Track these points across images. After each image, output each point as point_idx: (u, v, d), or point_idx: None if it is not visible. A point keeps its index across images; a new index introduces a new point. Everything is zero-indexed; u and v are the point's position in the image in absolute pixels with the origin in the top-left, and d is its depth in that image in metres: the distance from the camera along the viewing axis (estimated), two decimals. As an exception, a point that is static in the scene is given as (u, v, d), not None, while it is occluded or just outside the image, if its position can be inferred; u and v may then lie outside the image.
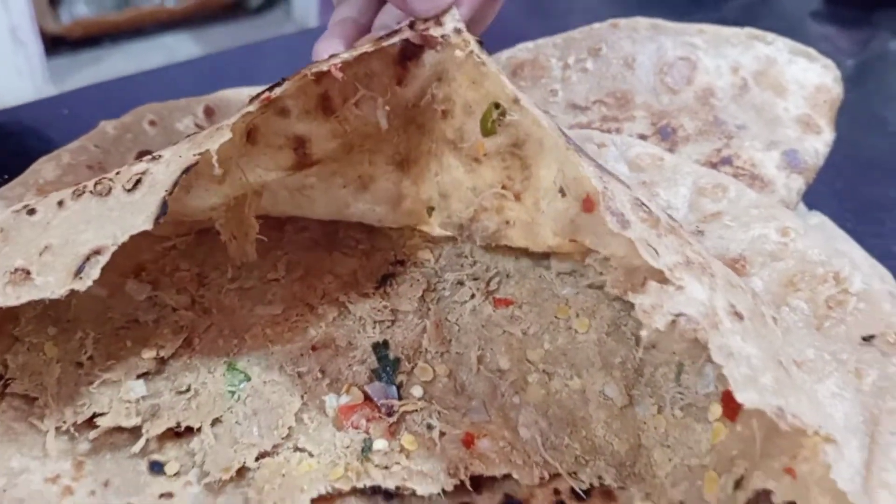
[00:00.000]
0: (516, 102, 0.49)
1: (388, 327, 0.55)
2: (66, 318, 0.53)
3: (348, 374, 0.52)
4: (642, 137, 0.70)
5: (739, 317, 0.41)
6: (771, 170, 0.67)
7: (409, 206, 0.58)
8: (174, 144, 0.50)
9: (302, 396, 0.51)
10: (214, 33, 2.46)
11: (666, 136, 0.70)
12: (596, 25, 0.78)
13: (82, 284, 0.43)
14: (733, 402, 0.43)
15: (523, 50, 0.79)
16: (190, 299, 0.56)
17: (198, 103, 0.71)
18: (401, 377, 0.52)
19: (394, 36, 0.48)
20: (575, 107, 0.74)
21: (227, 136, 0.45)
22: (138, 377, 0.51)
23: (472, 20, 0.52)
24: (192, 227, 0.59)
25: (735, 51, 0.73)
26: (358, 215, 0.58)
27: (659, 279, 0.40)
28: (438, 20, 0.48)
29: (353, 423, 0.49)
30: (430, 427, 0.49)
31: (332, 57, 0.48)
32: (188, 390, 0.51)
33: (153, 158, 0.47)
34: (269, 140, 0.51)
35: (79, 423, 0.48)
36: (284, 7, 2.56)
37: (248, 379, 0.51)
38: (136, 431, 0.49)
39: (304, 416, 0.50)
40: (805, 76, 0.72)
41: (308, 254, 0.60)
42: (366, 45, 0.48)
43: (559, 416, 0.51)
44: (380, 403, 0.50)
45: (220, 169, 0.46)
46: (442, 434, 0.49)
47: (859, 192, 0.82)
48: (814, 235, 0.55)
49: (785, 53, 0.73)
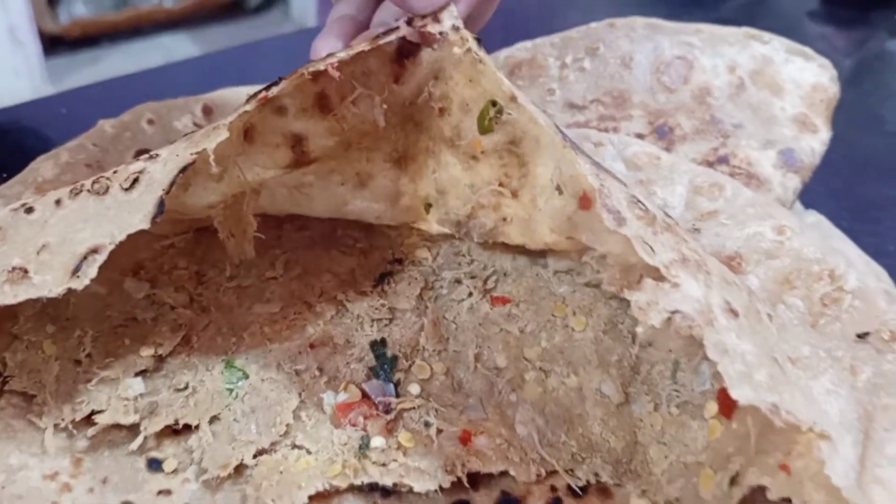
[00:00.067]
0: (513, 100, 0.49)
1: (386, 325, 0.55)
2: (65, 317, 0.53)
3: (346, 371, 0.52)
4: (639, 136, 0.70)
5: (735, 314, 0.41)
6: (767, 169, 0.67)
7: (407, 202, 0.58)
8: (172, 143, 0.50)
9: (300, 394, 0.51)
10: (213, 33, 2.46)
11: (663, 135, 0.70)
12: (593, 25, 0.78)
13: (80, 283, 0.43)
14: (729, 400, 0.43)
15: (521, 49, 0.79)
16: (188, 297, 0.56)
17: (196, 102, 0.71)
18: (398, 375, 0.52)
19: (390, 34, 0.48)
20: (572, 106, 0.74)
21: (224, 135, 0.46)
22: (136, 375, 0.51)
23: (469, 17, 0.52)
24: (190, 226, 0.59)
25: (732, 50, 0.74)
26: (356, 213, 0.58)
27: (655, 276, 0.40)
28: (436, 17, 0.48)
29: (350, 420, 0.49)
30: (427, 424, 0.49)
31: (330, 56, 0.48)
32: (186, 388, 0.51)
33: (151, 157, 0.47)
34: (266, 138, 0.51)
35: (77, 420, 0.48)
36: (283, 7, 2.56)
37: (246, 377, 0.51)
38: (135, 429, 0.49)
39: (302, 414, 0.50)
40: (801, 75, 0.72)
41: (306, 252, 0.60)
42: (363, 44, 0.48)
43: (556, 413, 0.51)
44: (377, 401, 0.50)
45: (217, 167, 0.47)
46: (439, 431, 0.49)
47: (856, 191, 0.83)
48: (809, 234, 0.55)
49: (781, 53, 0.73)
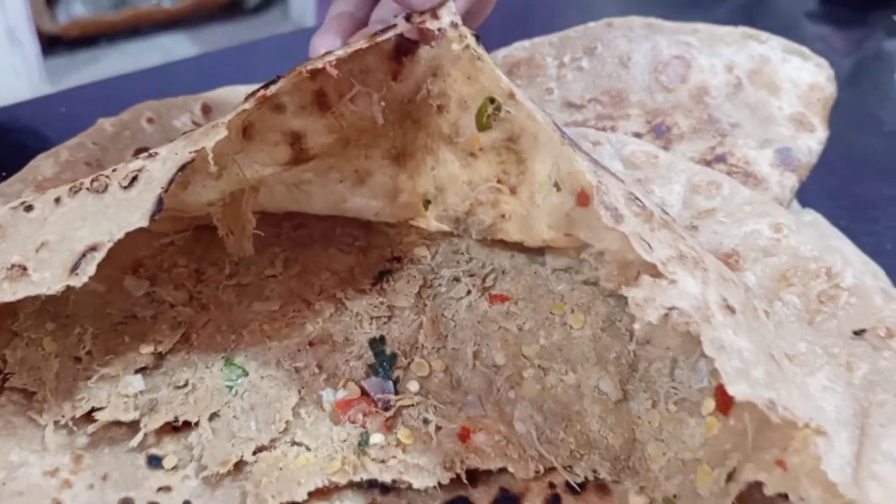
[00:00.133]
0: (511, 97, 0.49)
1: (385, 323, 0.55)
2: (65, 314, 0.53)
3: (345, 369, 0.52)
4: (637, 135, 0.70)
5: (731, 310, 0.41)
6: (765, 167, 0.67)
7: (405, 199, 0.58)
8: (171, 142, 0.50)
9: (299, 391, 0.51)
10: (211, 33, 2.45)
11: (660, 134, 0.70)
12: (591, 24, 0.79)
13: (78, 281, 0.43)
14: (726, 397, 0.43)
15: (519, 48, 0.79)
16: (187, 295, 0.56)
17: (195, 101, 0.71)
18: (397, 372, 0.53)
19: (388, 31, 0.48)
20: (570, 105, 0.74)
21: (222, 133, 0.46)
22: (136, 372, 0.51)
23: (468, 13, 0.52)
24: (189, 224, 0.59)
25: (729, 49, 0.74)
26: (355, 210, 0.58)
27: (652, 273, 0.41)
28: (435, 13, 0.48)
29: (349, 417, 0.50)
30: (426, 421, 0.50)
31: (327, 54, 0.48)
32: (186, 385, 0.51)
33: (150, 156, 0.47)
34: (265, 136, 0.51)
35: (77, 417, 0.49)
36: (281, 7, 2.55)
37: (245, 374, 0.52)
38: (135, 426, 0.49)
39: (302, 411, 0.50)
40: (799, 75, 0.72)
41: (305, 250, 0.60)
42: (360, 42, 0.48)
43: (554, 410, 0.51)
44: (376, 398, 0.51)
45: (216, 166, 0.47)
46: (438, 428, 0.49)
47: (854, 190, 0.83)
48: (806, 232, 0.55)
49: (779, 52, 0.73)
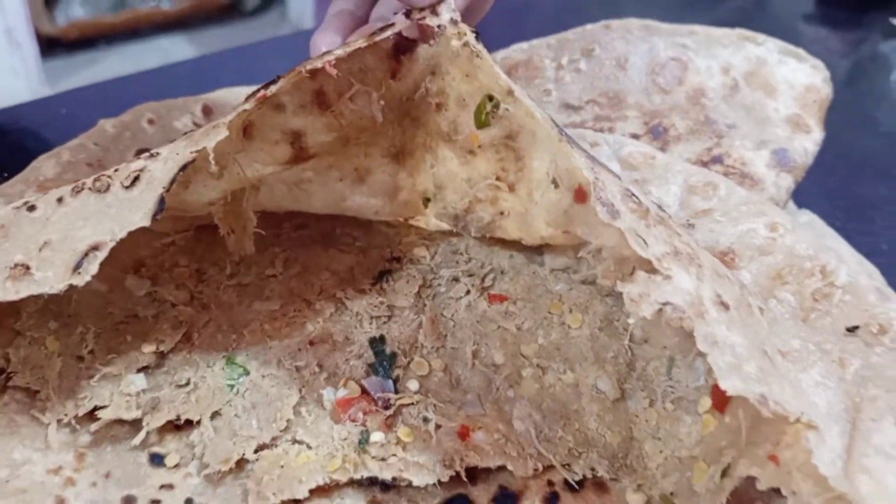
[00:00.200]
0: (510, 94, 0.50)
1: (385, 323, 0.56)
2: (67, 313, 0.53)
3: (345, 368, 0.53)
4: (634, 137, 0.71)
5: (725, 306, 0.42)
6: (761, 168, 0.68)
7: (405, 197, 0.58)
8: (171, 142, 0.50)
9: (300, 390, 0.51)
10: (210, 35, 2.45)
11: (658, 135, 0.71)
12: (589, 26, 0.79)
13: (80, 280, 0.44)
14: (723, 395, 0.44)
15: (517, 51, 0.80)
16: (189, 295, 0.56)
17: (196, 102, 0.71)
18: (397, 371, 0.53)
19: (387, 30, 0.49)
20: (568, 106, 0.75)
21: (223, 133, 0.46)
22: (138, 371, 0.51)
23: (468, 10, 0.52)
24: (191, 224, 0.59)
25: (726, 51, 0.74)
26: (355, 208, 0.58)
27: (647, 269, 0.41)
28: (434, 10, 0.48)
29: (350, 416, 0.50)
30: (426, 420, 0.50)
31: (327, 53, 0.48)
32: (188, 384, 0.51)
33: (151, 156, 0.48)
34: (265, 135, 0.52)
35: (80, 415, 0.49)
36: (280, 9, 2.56)
37: (246, 373, 0.52)
38: (137, 424, 0.49)
39: (302, 410, 0.50)
40: (795, 76, 0.73)
41: (305, 251, 0.60)
42: (359, 41, 0.48)
43: (553, 409, 0.51)
44: (376, 397, 0.51)
45: (217, 165, 0.47)
46: (438, 427, 0.50)
47: (850, 191, 0.83)
48: (802, 231, 0.56)
49: (775, 54, 0.74)
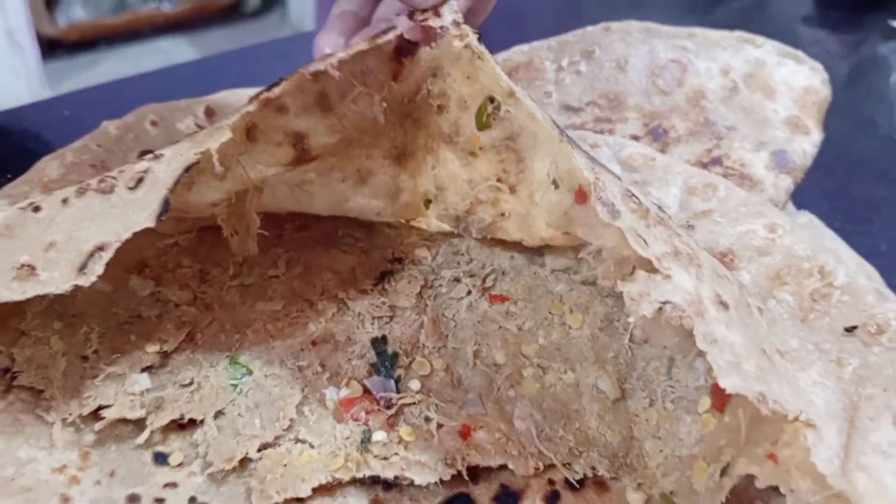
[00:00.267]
0: (511, 96, 0.50)
1: (387, 323, 0.56)
2: (72, 313, 0.54)
3: (348, 368, 0.53)
4: (634, 138, 0.71)
5: (725, 306, 0.42)
6: (760, 170, 0.68)
7: (406, 198, 0.59)
8: (175, 143, 0.51)
9: (302, 389, 0.52)
10: (210, 37, 2.46)
11: (657, 136, 0.71)
12: (589, 29, 0.79)
13: (86, 280, 0.44)
14: (722, 394, 0.44)
15: (518, 52, 0.80)
16: (192, 295, 0.57)
17: (198, 104, 0.72)
18: (399, 371, 0.53)
19: (388, 32, 0.49)
20: (569, 108, 0.75)
21: (227, 135, 0.46)
22: (142, 370, 0.52)
23: (470, 11, 0.52)
24: (194, 225, 0.60)
25: (725, 54, 0.75)
26: (357, 210, 0.59)
27: (647, 268, 0.41)
28: (437, 11, 0.49)
29: (352, 415, 0.50)
30: (427, 419, 0.50)
31: (329, 55, 0.49)
32: (191, 384, 0.51)
33: (155, 157, 0.48)
34: (268, 137, 0.52)
35: (84, 414, 0.49)
36: (280, 11, 2.56)
37: (249, 373, 0.52)
38: (141, 423, 0.49)
39: (305, 409, 0.51)
40: (794, 78, 0.73)
41: (307, 251, 0.61)
42: (362, 43, 0.49)
43: (553, 408, 0.52)
44: (378, 396, 0.51)
45: (220, 166, 0.47)
46: (439, 426, 0.50)
47: (849, 192, 0.83)
48: (800, 232, 0.56)
49: (774, 56, 0.74)
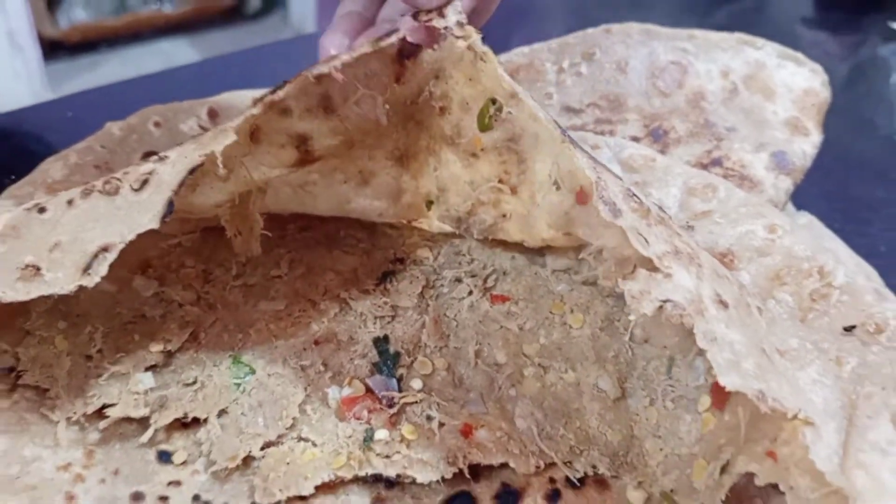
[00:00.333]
0: (513, 97, 0.50)
1: (389, 323, 0.56)
2: (76, 313, 0.54)
3: (350, 367, 0.53)
4: (635, 139, 0.71)
5: (724, 305, 0.42)
6: (760, 171, 0.68)
7: (408, 199, 0.59)
8: (179, 145, 0.51)
9: (305, 388, 0.52)
10: (211, 39, 2.46)
11: (658, 137, 0.72)
12: (590, 30, 0.80)
13: (90, 281, 0.44)
14: (722, 393, 0.44)
15: (519, 54, 0.80)
16: (195, 295, 0.57)
17: (201, 105, 0.72)
18: (401, 370, 0.54)
19: (392, 35, 0.49)
20: (569, 109, 0.75)
21: (231, 138, 0.47)
22: (146, 370, 0.52)
23: (474, 11, 0.53)
24: (197, 225, 0.60)
25: (725, 55, 0.75)
26: (359, 210, 0.59)
27: (648, 267, 0.42)
28: (441, 12, 0.49)
29: (355, 413, 0.51)
30: (429, 418, 0.51)
31: (333, 58, 0.49)
32: (195, 383, 0.52)
33: (160, 159, 0.48)
34: (272, 139, 0.52)
35: (89, 413, 0.49)
36: (281, 12, 2.57)
37: (252, 372, 0.53)
38: (145, 422, 0.50)
39: (308, 408, 0.51)
40: (793, 80, 0.73)
41: (310, 252, 0.61)
42: (365, 46, 0.49)
43: (554, 407, 0.52)
44: (381, 395, 0.52)
45: (224, 169, 0.48)
46: (441, 424, 0.50)
47: (848, 193, 0.84)
48: (800, 232, 0.56)
49: (774, 58, 0.74)
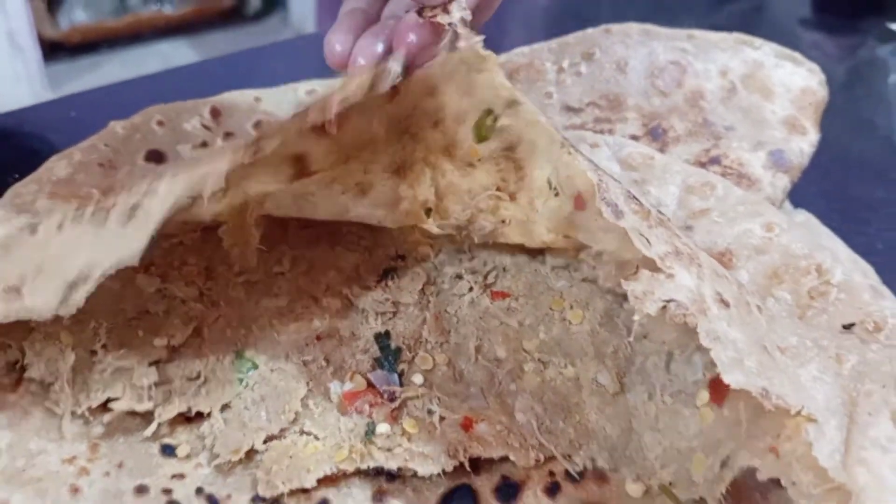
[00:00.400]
0: (510, 105, 0.50)
1: (390, 319, 0.57)
2: (81, 309, 0.54)
3: (352, 362, 0.54)
4: (634, 138, 0.72)
5: (726, 304, 0.43)
6: (757, 169, 0.69)
7: (407, 207, 0.58)
8: (174, 168, 0.49)
9: (307, 383, 0.52)
10: (211, 40, 2.47)
11: (657, 136, 0.72)
12: (590, 31, 0.80)
13: (66, 310, 0.45)
14: (720, 388, 0.45)
15: (519, 54, 0.81)
16: (198, 292, 0.57)
17: (204, 105, 0.72)
18: (402, 366, 0.54)
19: (386, 77, 0.47)
20: (569, 109, 0.76)
21: (220, 185, 0.45)
22: (150, 364, 0.52)
23: (477, 7, 0.53)
24: (198, 225, 0.60)
25: (723, 55, 0.76)
26: (358, 218, 0.58)
27: (650, 268, 0.42)
28: (445, 8, 0.48)
29: (356, 408, 0.51)
30: (430, 412, 0.51)
31: (329, 99, 0.46)
32: (198, 377, 0.52)
33: (148, 191, 0.47)
34: (268, 159, 0.50)
35: (93, 407, 0.50)
36: (282, 13, 2.57)
37: (255, 367, 0.53)
38: (149, 416, 0.50)
39: (310, 402, 0.52)
40: (791, 79, 0.74)
41: (312, 249, 0.61)
42: (358, 91, 0.46)
43: (554, 402, 0.52)
44: (382, 390, 0.52)
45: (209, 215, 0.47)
46: (442, 419, 0.51)
47: (846, 192, 0.84)
48: (797, 231, 0.57)
49: (771, 57, 0.75)
